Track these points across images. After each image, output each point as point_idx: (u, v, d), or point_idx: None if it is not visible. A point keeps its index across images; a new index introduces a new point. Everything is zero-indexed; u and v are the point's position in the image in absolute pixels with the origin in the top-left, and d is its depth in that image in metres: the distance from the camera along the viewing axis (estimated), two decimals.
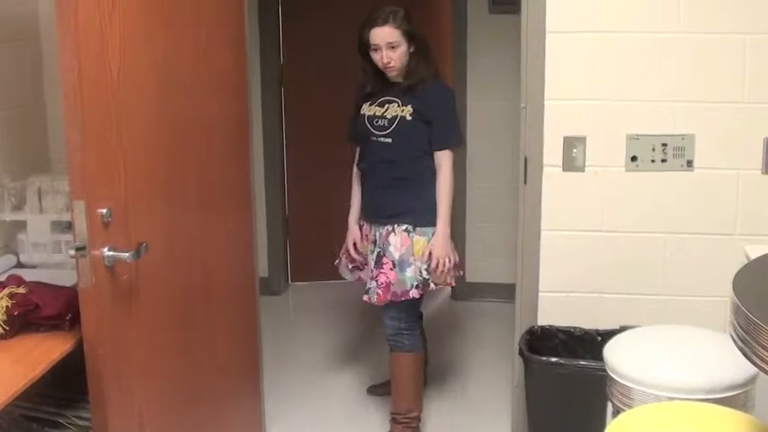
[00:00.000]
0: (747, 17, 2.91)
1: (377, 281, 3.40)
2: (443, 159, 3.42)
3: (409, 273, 3.38)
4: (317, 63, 5.31)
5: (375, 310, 3.65)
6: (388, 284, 3.38)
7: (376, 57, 3.39)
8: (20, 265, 2.91)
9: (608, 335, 2.86)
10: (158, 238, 2.41)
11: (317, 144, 5.34)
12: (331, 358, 4.51)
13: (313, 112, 5.36)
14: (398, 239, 3.40)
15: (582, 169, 3.07)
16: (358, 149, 3.65)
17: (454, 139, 3.50)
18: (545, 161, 3.08)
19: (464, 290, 5.26)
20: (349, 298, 4.94)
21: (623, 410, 2.45)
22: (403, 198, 3.44)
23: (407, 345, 3.52)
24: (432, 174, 3.43)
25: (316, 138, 5.35)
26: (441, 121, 3.43)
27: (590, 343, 3.09)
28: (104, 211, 2.11)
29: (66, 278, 2.42)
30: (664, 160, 3.03)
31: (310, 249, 5.47)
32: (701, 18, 2.93)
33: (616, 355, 2.61)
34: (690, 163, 3.03)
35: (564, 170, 3.08)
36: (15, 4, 3.12)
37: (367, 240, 3.57)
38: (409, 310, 3.52)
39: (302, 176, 5.47)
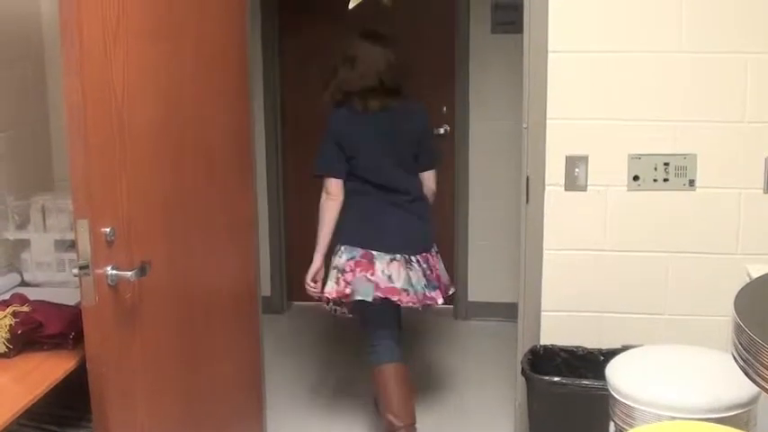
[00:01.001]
0: (749, 37, 2.92)
1: None
2: None
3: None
4: (317, 83, 5.29)
5: None
6: None
7: None
8: (24, 283, 2.91)
9: (610, 354, 2.86)
10: (161, 257, 2.42)
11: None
12: (334, 377, 4.49)
13: (314, 130, 5.34)
14: None
15: (584, 188, 3.08)
16: None
17: (315, 167, 3.62)
18: (547, 180, 3.09)
19: (466, 309, 5.26)
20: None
21: (625, 430, 2.45)
22: None
23: (370, 359, 3.63)
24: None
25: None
26: None
27: (592, 362, 3.09)
28: (108, 230, 2.11)
29: (69, 297, 2.42)
30: (666, 179, 3.04)
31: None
32: (703, 38, 2.94)
33: (618, 374, 2.60)
34: (692, 182, 3.03)
35: (566, 189, 3.09)
36: (18, 24, 3.14)
37: None
38: (364, 325, 3.67)
39: (304, 192, 5.44)
